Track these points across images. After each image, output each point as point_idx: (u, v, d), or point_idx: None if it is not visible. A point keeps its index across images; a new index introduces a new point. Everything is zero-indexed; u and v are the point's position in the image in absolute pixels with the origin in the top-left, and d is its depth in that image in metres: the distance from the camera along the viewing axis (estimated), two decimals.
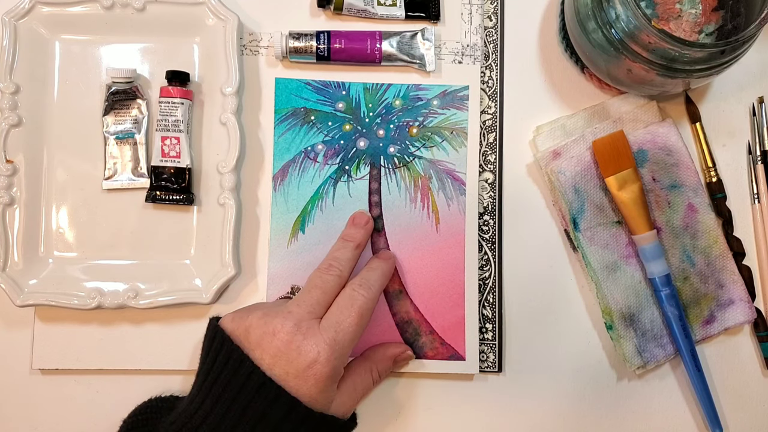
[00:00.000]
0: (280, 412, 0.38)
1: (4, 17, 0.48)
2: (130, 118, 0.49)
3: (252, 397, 0.38)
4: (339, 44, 0.49)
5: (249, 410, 0.38)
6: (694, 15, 0.48)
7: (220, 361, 0.40)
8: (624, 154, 0.47)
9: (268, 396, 0.38)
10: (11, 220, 0.48)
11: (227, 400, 0.39)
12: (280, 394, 0.38)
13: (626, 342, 0.48)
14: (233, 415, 0.38)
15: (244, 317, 0.41)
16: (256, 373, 0.39)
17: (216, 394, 0.39)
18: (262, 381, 0.39)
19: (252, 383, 0.39)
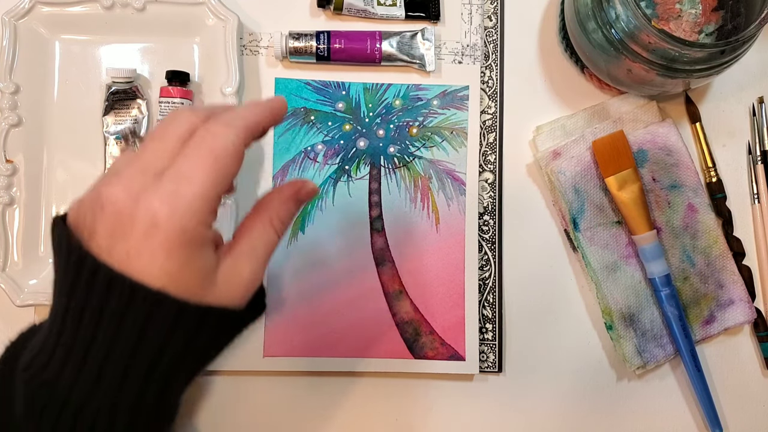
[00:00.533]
0: (139, 314, 0.29)
1: (4, 17, 0.48)
2: (130, 118, 0.49)
3: (103, 300, 0.29)
4: (339, 44, 0.49)
5: (104, 319, 0.29)
6: (694, 15, 0.48)
7: (61, 266, 0.31)
8: (624, 154, 0.47)
9: (122, 294, 0.29)
10: (11, 220, 0.48)
11: (77, 312, 0.30)
12: (134, 289, 0.29)
13: (626, 342, 0.48)
14: (86, 330, 0.30)
15: (81, 198, 0.31)
16: (100, 269, 0.29)
17: (63, 308, 0.30)
18: (109, 276, 0.29)
19: (98, 283, 0.29)
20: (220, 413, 0.48)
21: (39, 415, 0.30)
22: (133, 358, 0.30)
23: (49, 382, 0.30)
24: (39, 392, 0.31)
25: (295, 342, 0.48)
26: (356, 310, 0.49)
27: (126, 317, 0.29)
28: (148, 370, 0.31)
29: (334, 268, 0.49)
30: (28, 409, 0.31)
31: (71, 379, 0.30)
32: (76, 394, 0.30)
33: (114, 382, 0.30)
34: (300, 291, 0.49)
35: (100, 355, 0.30)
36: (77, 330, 0.30)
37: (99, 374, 0.30)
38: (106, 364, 0.30)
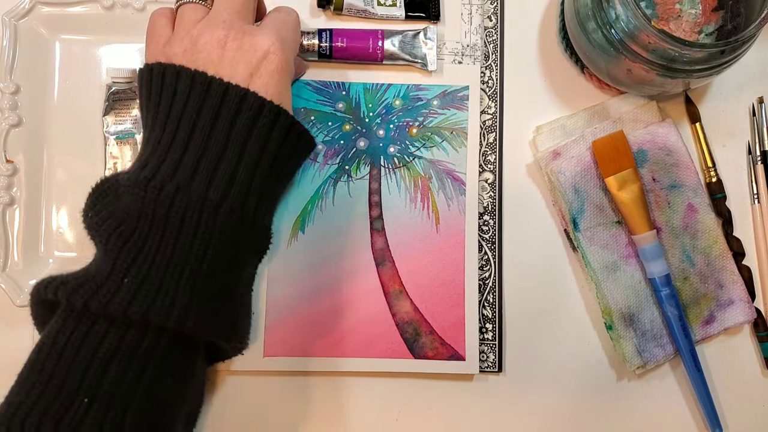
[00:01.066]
0: (267, 122, 0.38)
1: (4, 17, 0.48)
2: (131, 118, 0.49)
3: (234, 115, 0.37)
4: (341, 43, 0.49)
5: (234, 129, 0.37)
6: (694, 15, 0.48)
7: (181, 93, 0.38)
8: (624, 154, 0.47)
9: (252, 109, 0.37)
10: (11, 220, 0.48)
11: (206, 126, 0.37)
12: (263, 104, 0.38)
13: (626, 342, 0.48)
14: (218, 139, 0.37)
15: (171, 45, 0.39)
16: (231, 88, 0.37)
17: (189, 125, 0.37)
18: (241, 93, 0.37)
19: (230, 100, 0.37)
20: (220, 413, 0.48)
21: (181, 217, 0.35)
22: (256, 165, 0.38)
23: (183, 187, 0.36)
24: (177, 197, 0.36)
25: (295, 342, 0.48)
26: (356, 310, 0.49)
27: (252, 129, 0.37)
28: (266, 176, 0.39)
29: (334, 268, 0.49)
30: (167, 213, 0.35)
31: (206, 184, 0.36)
32: (213, 194, 0.36)
33: (242, 188, 0.37)
34: (300, 291, 0.49)
35: (232, 164, 0.37)
36: (207, 144, 0.37)
37: (231, 177, 0.37)
38: (238, 168, 0.37)
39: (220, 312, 0.38)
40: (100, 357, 0.34)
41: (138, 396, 0.35)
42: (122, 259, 0.35)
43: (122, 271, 0.35)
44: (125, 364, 0.34)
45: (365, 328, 0.48)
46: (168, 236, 0.35)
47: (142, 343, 0.35)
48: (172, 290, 0.35)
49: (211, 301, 0.37)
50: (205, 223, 0.36)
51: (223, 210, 0.37)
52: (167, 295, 0.35)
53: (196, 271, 0.36)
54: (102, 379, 0.34)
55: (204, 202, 0.36)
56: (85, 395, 0.33)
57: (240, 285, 0.40)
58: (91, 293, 0.34)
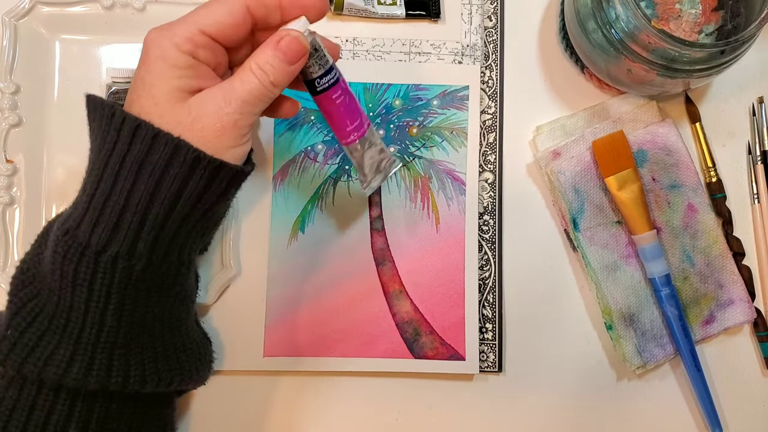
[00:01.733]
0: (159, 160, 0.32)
1: (4, 17, 0.48)
2: None
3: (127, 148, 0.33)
4: (337, 96, 0.39)
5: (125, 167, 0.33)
6: (694, 15, 0.48)
7: (94, 128, 0.35)
8: (624, 154, 0.47)
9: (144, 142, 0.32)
10: (11, 220, 0.48)
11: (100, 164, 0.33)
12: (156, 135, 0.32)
13: (626, 342, 0.48)
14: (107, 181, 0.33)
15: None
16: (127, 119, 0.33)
17: (90, 165, 0.34)
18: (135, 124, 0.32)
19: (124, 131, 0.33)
20: (220, 413, 0.48)
21: (62, 258, 0.33)
22: (150, 205, 0.33)
23: (71, 229, 0.33)
24: (63, 239, 0.33)
25: (295, 342, 0.48)
26: (356, 310, 0.49)
27: (145, 164, 0.32)
28: (164, 218, 0.34)
29: (334, 268, 0.49)
30: (53, 255, 0.34)
31: (90, 226, 0.33)
32: (95, 240, 0.33)
33: (132, 228, 0.33)
34: (300, 291, 0.49)
35: (120, 203, 0.33)
36: (99, 181, 0.33)
37: (118, 221, 0.33)
38: (125, 211, 0.33)
39: (136, 363, 0.35)
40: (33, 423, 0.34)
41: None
42: (10, 308, 0.34)
43: (7, 320, 0.34)
44: (24, 420, 0.34)
45: (365, 328, 0.48)
46: (55, 284, 0.34)
47: (37, 399, 0.34)
48: (52, 344, 0.33)
49: (124, 354, 0.35)
50: (83, 271, 0.33)
51: (105, 258, 0.33)
52: (45, 350, 0.33)
53: (97, 330, 0.34)
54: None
55: (84, 250, 0.33)
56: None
57: (167, 325, 0.37)
58: (22, 360, 0.33)
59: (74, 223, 0.34)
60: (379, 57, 0.51)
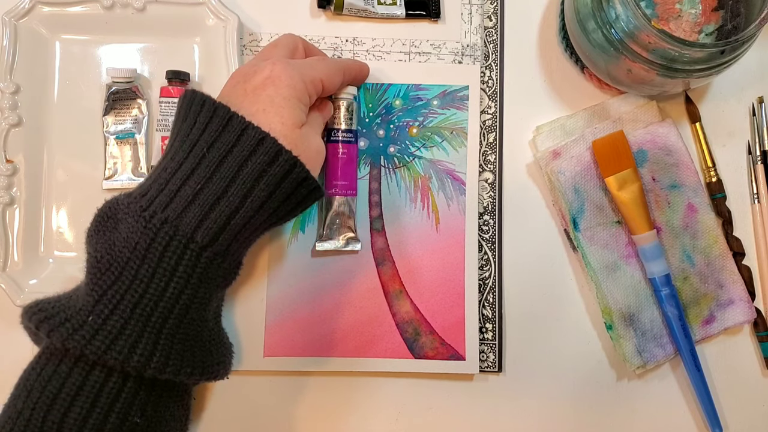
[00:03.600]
0: (279, 171, 0.36)
1: (4, 17, 0.48)
2: (131, 118, 0.49)
3: (247, 156, 0.36)
4: (341, 153, 0.47)
5: (243, 172, 0.36)
6: (694, 15, 0.48)
7: (199, 123, 0.37)
8: (624, 154, 0.47)
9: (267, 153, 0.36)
10: (11, 220, 0.48)
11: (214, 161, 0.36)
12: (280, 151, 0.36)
13: (626, 342, 0.48)
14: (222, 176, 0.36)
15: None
16: (250, 128, 0.36)
17: (198, 155, 0.36)
18: (260, 136, 0.36)
19: (246, 140, 0.36)
20: (220, 413, 0.48)
21: (161, 251, 0.34)
22: (256, 211, 0.37)
23: (171, 220, 0.35)
24: (162, 229, 0.34)
25: (295, 342, 0.48)
26: (356, 310, 0.49)
27: (262, 176, 0.36)
28: (260, 223, 0.38)
29: (334, 268, 0.49)
30: (149, 245, 0.34)
31: (196, 222, 0.35)
32: (200, 236, 0.35)
33: (232, 232, 0.36)
34: (300, 291, 0.49)
35: (231, 207, 0.36)
36: (210, 177, 0.36)
37: (226, 221, 0.36)
38: (235, 212, 0.36)
39: (188, 354, 0.36)
40: (63, 397, 0.33)
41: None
42: (92, 295, 0.34)
43: (89, 307, 0.34)
44: (89, 405, 0.34)
45: (365, 328, 0.48)
46: (143, 272, 0.34)
47: (106, 385, 0.34)
48: (135, 333, 0.34)
49: (180, 342, 0.36)
50: (185, 266, 0.35)
51: (207, 255, 0.35)
52: (129, 338, 0.34)
53: (165, 315, 0.35)
54: (64, 420, 0.33)
55: (188, 243, 0.35)
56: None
57: (209, 320, 0.39)
58: (56, 326, 0.33)
59: (173, 213, 0.35)
60: (379, 57, 0.51)
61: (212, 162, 0.36)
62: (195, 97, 0.38)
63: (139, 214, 0.35)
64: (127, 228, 0.35)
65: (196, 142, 0.37)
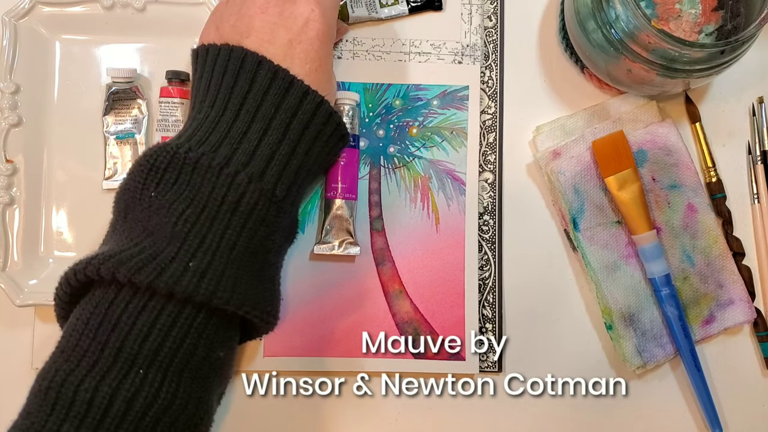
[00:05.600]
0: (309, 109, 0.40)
1: (4, 17, 0.48)
2: (131, 118, 0.49)
3: (279, 102, 0.39)
4: (341, 158, 0.47)
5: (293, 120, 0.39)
6: (693, 15, 0.48)
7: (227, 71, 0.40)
8: (624, 154, 0.47)
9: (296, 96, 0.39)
10: (11, 220, 0.48)
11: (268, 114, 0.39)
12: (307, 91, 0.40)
13: (626, 342, 0.48)
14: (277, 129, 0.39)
15: (222, 21, 0.42)
16: (280, 71, 0.39)
17: (224, 101, 0.39)
18: (289, 80, 0.39)
19: (278, 85, 0.39)
20: (220, 413, 0.48)
21: (252, 206, 0.38)
22: (306, 160, 0.41)
23: (256, 178, 0.38)
24: (249, 187, 0.37)
25: (295, 342, 0.48)
26: (356, 310, 0.49)
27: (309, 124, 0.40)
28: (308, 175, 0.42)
29: (334, 268, 0.49)
30: (239, 199, 0.37)
31: (275, 179, 0.39)
32: (279, 190, 0.39)
33: (297, 185, 0.40)
34: (300, 291, 0.49)
35: (299, 163, 0.40)
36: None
37: (296, 175, 0.40)
38: (291, 159, 0.40)
39: (265, 295, 0.40)
40: (157, 330, 0.35)
41: (190, 369, 0.36)
42: (189, 243, 0.36)
43: (189, 254, 0.36)
44: (181, 337, 0.35)
45: (365, 328, 0.48)
46: (235, 223, 0.37)
47: (196, 320, 0.36)
48: (233, 277, 0.37)
49: (261, 284, 0.39)
50: (272, 216, 0.38)
51: (283, 206, 0.39)
52: (228, 282, 0.36)
53: (254, 260, 0.38)
54: (159, 350, 0.35)
55: (272, 197, 0.38)
56: (140, 365, 0.34)
57: (280, 268, 0.43)
58: (157, 273, 0.35)
59: (256, 170, 0.38)
60: (379, 57, 0.51)
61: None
62: (232, 51, 0.40)
63: (219, 170, 0.37)
64: (206, 183, 0.37)
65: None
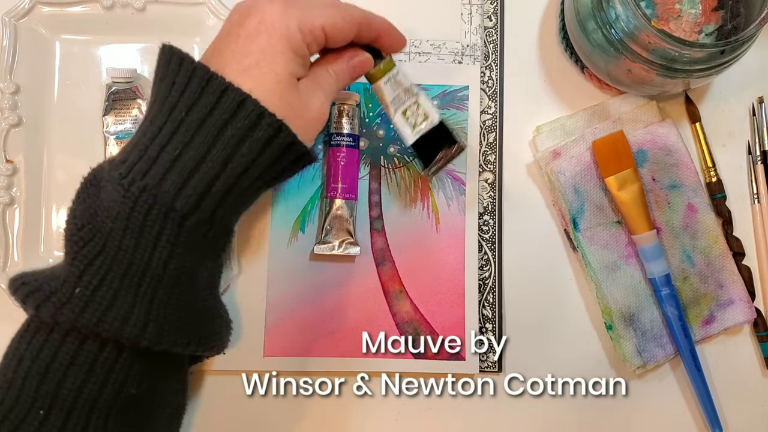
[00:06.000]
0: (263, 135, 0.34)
1: (4, 17, 0.48)
2: (131, 118, 0.49)
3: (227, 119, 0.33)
4: (341, 157, 0.47)
5: (223, 135, 0.33)
6: (693, 15, 0.48)
7: (178, 83, 0.34)
8: (624, 154, 0.47)
9: (248, 117, 0.33)
10: (11, 220, 0.48)
11: (193, 124, 0.33)
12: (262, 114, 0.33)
13: (626, 342, 0.48)
14: (203, 141, 0.33)
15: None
16: (230, 90, 0.33)
17: (177, 119, 0.34)
18: (240, 98, 0.33)
19: (226, 102, 0.33)
20: (220, 413, 0.48)
21: (142, 220, 0.32)
22: (238, 177, 0.34)
23: (150, 187, 0.32)
24: (141, 197, 0.32)
25: (295, 342, 0.48)
26: (356, 310, 0.49)
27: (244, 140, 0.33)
28: (245, 188, 0.35)
29: (334, 268, 0.49)
30: (129, 213, 0.32)
31: (176, 189, 0.33)
32: (180, 204, 0.33)
33: (214, 198, 0.34)
34: (300, 291, 0.49)
35: (212, 173, 0.33)
36: (189, 142, 0.33)
37: (207, 186, 0.33)
38: (216, 178, 0.33)
39: (182, 324, 0.35)
40: (56, 367, 0.33)
41: (101, 408, 0.33)
42: (76, 265, 0.33)
43: (74, 278, 0.33)
44: (83, 375, 0.33)
45: (365, 328, 0.48)
46: (127, 242, 0.33)
47: (99, 356, 0.33)
48: (126, 304, 0.33)
49: (173, 313, 0.34)
50: (168, 234, 0.33)
51: (189, 223, 0.33)
52: (120, 310, 0.33)
53: (155, 286, 0.33)
54: (58, 390, 0.32)
55: (169, 211, 0.33)
56: (41, 406, 0.32)
57: (202, 290, 0.37)
58: (42, 300, 0.33)
59: (152, 180, 0.33)
60: None
61: (191, 126, 0.33)
62: (173, 54, 0.35)
63: (118, 181, 0.33)
64: (107, 196, 0.33)
65: (175, 105, 0.34)
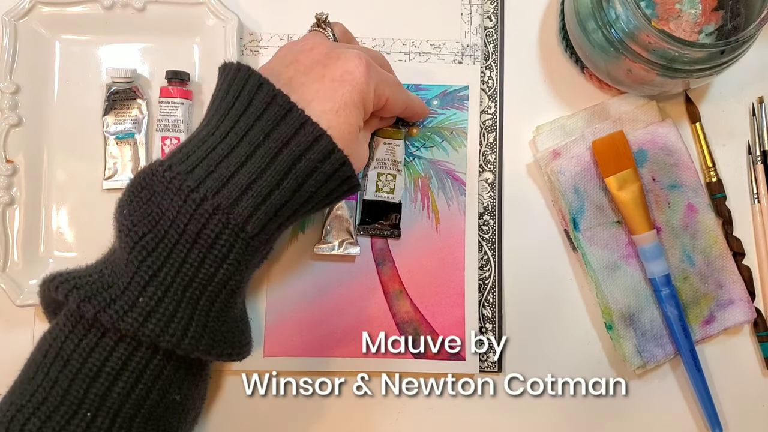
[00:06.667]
0: (329, 169, 0.36)
1: (4, 17, 0.48)
2: (131, 118, 0.49)
3: (302, 151, 0.35)
4: None
5: (297, 166, 0.35)
6: (693, 15, 0.48)
7: (255, 107, 0.36)
8: (624, 154, 0.47)
9: (321, 152, 0.36)
10: (11, 220, 0.48)
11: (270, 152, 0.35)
12: (333, 150, 0.36)
13: (626, 342, 0.48)
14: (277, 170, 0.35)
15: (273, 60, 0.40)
16: (308, 124, 0.35)
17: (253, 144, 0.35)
18: (317, 133, 0.35)
19: (304, 135, 0.35)
20: (220, 413, 0.48)
21: (214, 238, 0.34)
22: (301, 206, 0.37)
23: (224, 208, 0.34)
24: (214, 217, 0.34)
25: (295, 342, 0.48)
26: (356, 310, 0.49)
27: (313, 173, 0.36)
28: (301, 214, 0.38)
29: (334, 268, 0.49)
30: (200, 230, 0.34)
31: (248, 213, 0.34)
32: (251, 227, 0.35)
33: (278, 222, 0.36)
34: (300, 291, 0.49)
35: (282, 200, 0.35)
36: (265, 169, 0.35)
37: (276, 213, 0.35)
38: (284, 206, 0.36)
39: (228, 336, 0.37)
40: (107, 371, 0.33)
41: (144, 412, 0.34)
42: (141, 275, 0.33)
43: (139, 288, 0.33)
44: (133, 381, 0.34)
45: (365, 328, 0.48)
46: (193, 257, 0.34)
47: (151, 362, 0.34)
48: (186, 317, 0.34)
49: (221, 326, 0.36)
50: (235, 254, 0.34)
51: (253, 244, 0.35)
52: (180, 322, 0.34)
53: (212, 299, 0.35)
54: (107, 394, 0.33)
55: (239, 233, 0.34)
56: (88, 409, 0.33)
57: (241, 301, 0.39)
58: (104, 306, 0.33)
59: (225, 201, 0.34)
60: None
61: (268, 153, 0.35)
62: (250, 76, 0.37)
63: (187, 194, 0.34)
64: (172, 207, 0.34)
65: (250, 127, 0.36)
